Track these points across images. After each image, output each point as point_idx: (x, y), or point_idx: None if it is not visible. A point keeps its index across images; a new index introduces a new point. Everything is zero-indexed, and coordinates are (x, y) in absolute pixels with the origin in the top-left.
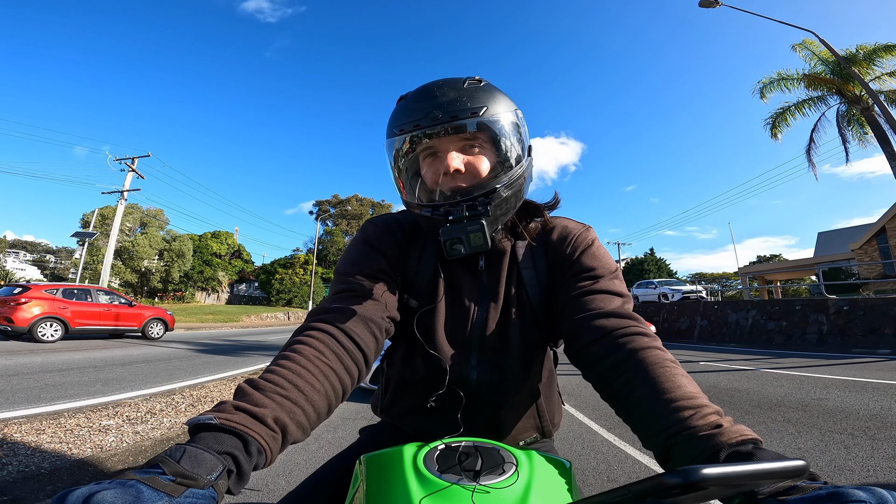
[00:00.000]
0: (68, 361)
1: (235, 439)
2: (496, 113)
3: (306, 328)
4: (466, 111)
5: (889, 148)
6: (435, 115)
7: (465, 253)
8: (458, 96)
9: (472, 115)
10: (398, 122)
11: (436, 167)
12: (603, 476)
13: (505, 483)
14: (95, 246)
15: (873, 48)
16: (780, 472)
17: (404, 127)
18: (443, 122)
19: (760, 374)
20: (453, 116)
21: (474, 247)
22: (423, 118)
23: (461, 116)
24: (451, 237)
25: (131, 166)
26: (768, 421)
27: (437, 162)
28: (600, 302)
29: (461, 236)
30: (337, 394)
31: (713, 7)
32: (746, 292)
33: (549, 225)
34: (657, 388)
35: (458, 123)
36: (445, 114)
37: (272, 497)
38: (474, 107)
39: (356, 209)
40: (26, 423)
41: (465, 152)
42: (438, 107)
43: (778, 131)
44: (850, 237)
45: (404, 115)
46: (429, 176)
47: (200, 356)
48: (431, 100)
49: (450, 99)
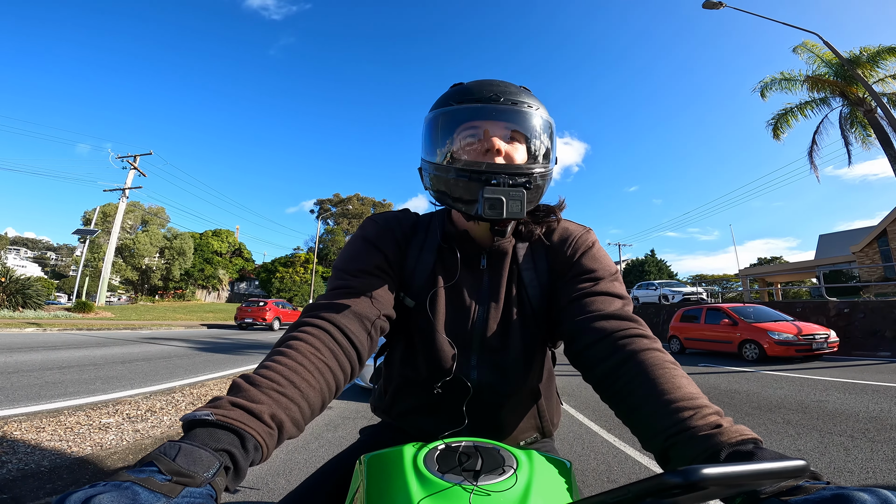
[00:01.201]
0: (68, 359)
1: (232, 436)
2: (543, 115)
3: (302, 324)
4: (524, 103)
5: (891, 150)
6: (497, 96)
7: (501, 217)
8: (517, 91)
9: (528, 107)
10: (458, 96)
11: (478, 145)
12: (603, 476)
13: (505, 483)
14: (97, 243)
15: (877, 50)
16: (780, 471)
17: (464, 100)
18: (504, 103)
19: (760, 376)
20: (513, 102)
21: (511, 212)
22: (486, 97)
23: (519, 105)
24: (493, 196)
25: (133, 164)
26: (768, 423)
27: (480, 141)
28: (600, 304)
29: (502, 198)
30: (331, 390)
31: (717, 9)
32: (747, 294)
33: (551, 227)
34: (657, 389)
35: (516, 109)
36: (507, 98)
37: (272, 497)
38: (529, 102)
39: (357, 208)
40: (26, 420)
41: (507, 141)
42: (501, 92)
43: (780, 132)
44: (851, 240)
45: (466, 92)
46: (469, 151)
47: (200, 354)
48: (494, 86)
49: (510, 90)
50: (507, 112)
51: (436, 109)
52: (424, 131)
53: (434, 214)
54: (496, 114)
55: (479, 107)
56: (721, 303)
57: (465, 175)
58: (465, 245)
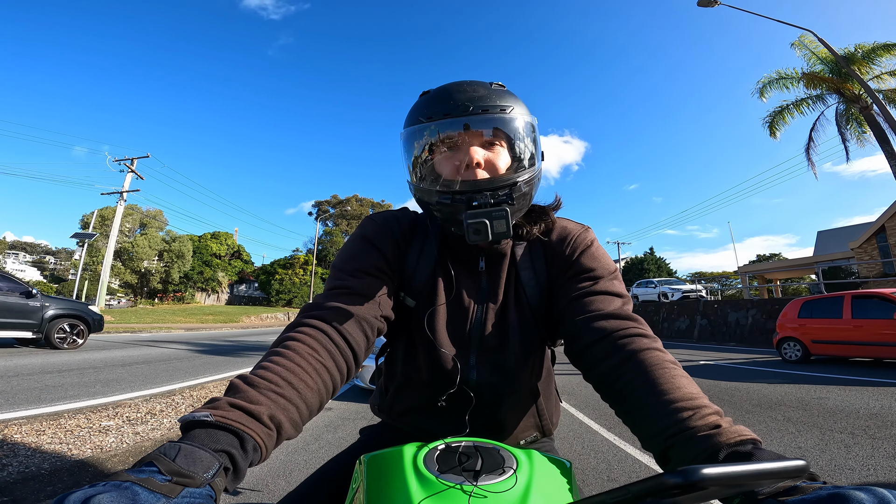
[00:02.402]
0: (68, 362)
1: (231, 436)
2: (520, 114)
3: (299, 324)
4: (496, 108)
5: (888, 147)
6: (466, 106)
7: (487, 240)
8: (487, 94)
9: (500, 112)
10: (426, 111)
11: (455, 159)
12: (603, 476)
13: (505, 483)
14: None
15: (872, 47)
16: (780, 471)
17: (433, 115)
18: (473, 113)
19: (760, 374)
20: (484, 110)
21: (497, 233)
22: (455, 108)
23: (491, 111)
24: (476, 221)
25: (130, 167)
26: (769, 420)
27: (456, 155)
28: (600, 303)
29: (485, 221)
30: (328, 391)
31: (712, 6)
32: (746, 291)
33: (549, 226)
34: (656, 389)
35: (488, 117)
36: (476, 107)
37: (272, 497)
38: (503, 104)
39: (356, 209)
40: (26, 423)
41: (485, 148)
42: (469, 100)
43: (777, 130)
44: (849, 236)
45: (434, 104)
46: (447, 167)
47: (200, 357)
48: (462, 93)
49: (479, 95)
50: (479, 121)
51: (407, 127)
52: (401, 149)
53: None
54: (469, 124)
55: (450, 121)
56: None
57: (446, 198)
58: (463, 246)
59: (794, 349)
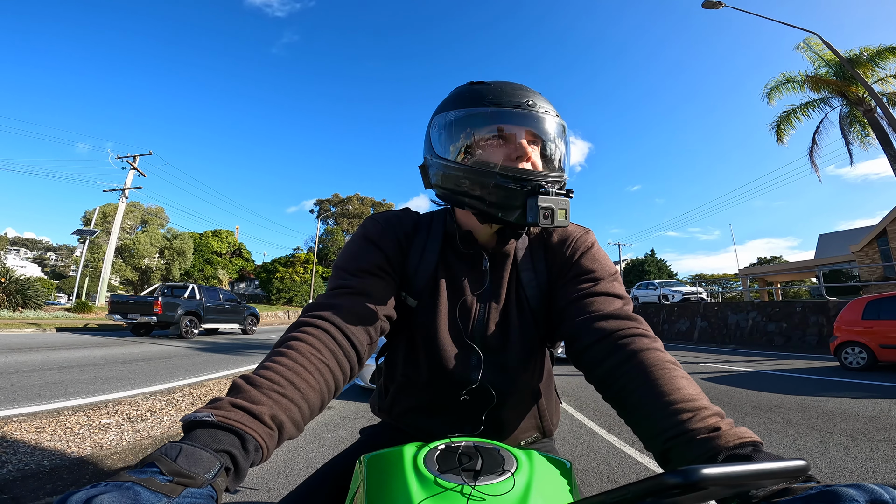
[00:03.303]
0: (68, 359)
1: (233, 437)
2: (563, 123)
3: (302, 323)
4: (552, 112)
5: (891, 150)
6: (533, 103)
7: (552, 224)
8: (541, 97)
9: (556, 116)
10: (492, 97)
11: (508, 149)
12: (603, 476)
13: (504, 484)
14: (96, 244)
15: (877, 50)
16: (780, 472)
17: (502, 103)
18: (538, 111)
19: (760, 376)
20: (546, 111)
21: (559, 222)
22: (522, 102)
23: (550, 114)
24: (546, 206)
25: (133, 164)
26: (768, 422)
27: (508, 145)
28: (600, 304)
29: (552, 207)
30: (330, 391)
31: (716, 8)
32: (747, 294)
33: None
34: (656, 390)
35: (548, 118)
36: (539, 106)
37: (272, 497)
38: (553, 110)
39: (357, 208)
40: (26, 421)
41: (534, 146)
42: (532, 99)
43: (784, 135)
44: (850, 239)
45: (499, 94)
46: (498, 154)
47: (200, 354)
48: (523, 91)
49: (537, 97)
50: (537, 119)
51: (465, 108)
52: (445, 128)
53: (434, 214)
54: (528, 121)
55: (514, 112)
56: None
57: (507, 181)
58: (468, 246)
59: (857, 355)
